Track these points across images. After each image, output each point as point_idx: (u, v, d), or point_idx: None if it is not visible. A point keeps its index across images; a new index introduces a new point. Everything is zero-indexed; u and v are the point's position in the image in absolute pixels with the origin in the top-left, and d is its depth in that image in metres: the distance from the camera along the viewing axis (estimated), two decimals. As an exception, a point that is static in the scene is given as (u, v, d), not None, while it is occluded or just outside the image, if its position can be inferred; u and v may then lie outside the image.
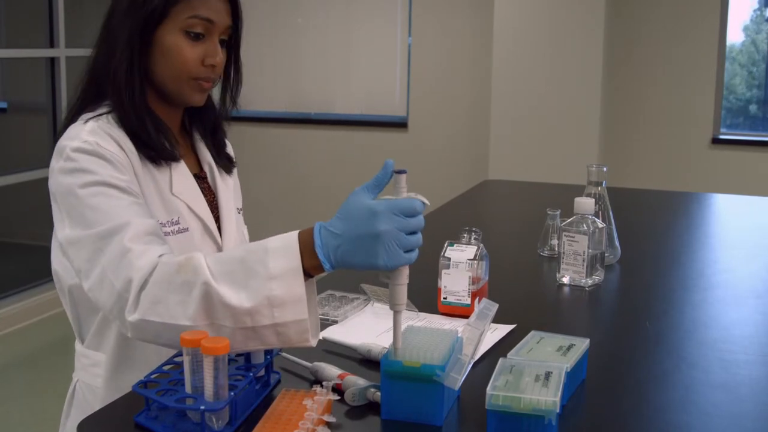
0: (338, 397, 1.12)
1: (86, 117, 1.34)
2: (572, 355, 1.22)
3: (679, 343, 1.50)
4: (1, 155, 4.96)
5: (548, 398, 1.03)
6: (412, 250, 1.10)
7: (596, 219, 1.76)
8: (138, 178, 1.32)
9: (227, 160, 1.55)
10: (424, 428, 1.09)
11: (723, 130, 4.79)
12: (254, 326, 1.11)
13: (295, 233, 1.13)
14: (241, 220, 1.57)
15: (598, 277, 1.77)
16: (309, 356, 1.28)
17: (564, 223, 1.77)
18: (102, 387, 1.40)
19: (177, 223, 1.38)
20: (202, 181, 1.48)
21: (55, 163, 1.29)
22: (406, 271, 1.12)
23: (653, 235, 2.34)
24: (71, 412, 1.47)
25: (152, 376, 1.14)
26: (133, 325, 1.15)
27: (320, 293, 1.62)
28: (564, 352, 1.23)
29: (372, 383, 1.15)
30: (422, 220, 1.11)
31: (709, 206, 3.06)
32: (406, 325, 1.18)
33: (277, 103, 5.46)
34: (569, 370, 1.15)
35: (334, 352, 1.35)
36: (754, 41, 4.86)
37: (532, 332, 1.32)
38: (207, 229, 1.43)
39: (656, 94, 4.76)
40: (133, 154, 1.33)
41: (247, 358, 1.18)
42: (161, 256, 1.18)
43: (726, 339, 1.50)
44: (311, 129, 5.42)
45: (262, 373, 1.18)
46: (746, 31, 4.85)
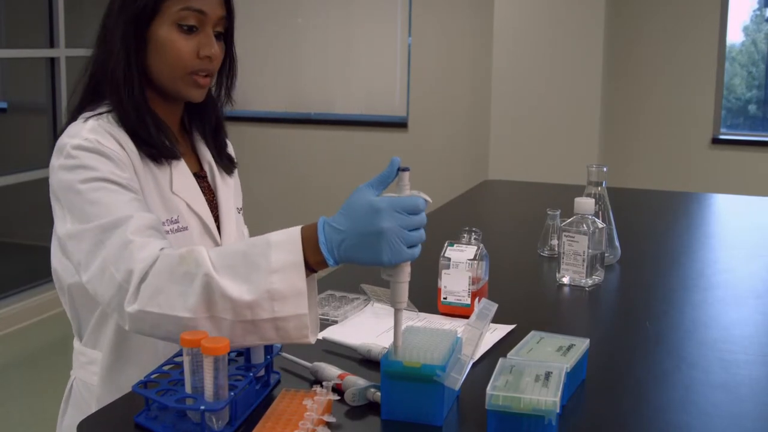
0: (338, 397, 1.12)
1: (86, 116, 1.35)
2: (572, 355, 1.22)
3: (679, 343, 1.50)
4: (1, 155, 4.96)
5: (548, 398, 1.03)
6: (415, 246, 1.10)
7: (596, 219, 1.76)
8: (138, 177, 1.32)
9: (228, 161, 1.55)
10: (424, 428, 1.09)
11: (723, 130, 4.79)
12: (254, 320, 1.11)
13: (298, 228, 1.13)
14: (241, 220, 1.57)
15: (598, 277, 1.77)
16: (309, 356, 1.28)
17: (564, 223, 1.77)
18: (98, 385, 1.40)
19: (176, 222, 1.38)
20: (202, 180, 1.48)
21: (56, 161, 1.29)
22: (408, 269, 1.13)
23: (653, 235, 2.34)
24: (68, 409, 1.47)
25: (152, 376, 1.14)
26: (132, 316, 1.15)
27: (320, 293, 1.62)
28: (564, 352, 1.23)
29: (372, 383, 1.15)
30: (424, 217, 1.11)
31: (709, 206, 3.06)
32: (406, 325, 1.18)
33: (277, 103, 5.46)
34: (569, 370, 1.15)
35: (334, 352, 1.35)
36: (754, 41, 4.86)
37: (532, 332, 1.32)
38: (206, 228, 1.43)
39: (656, 94, 4.76)
40: (134, 153, 1.33)
41: (248, 358, 1.18)
42: (162, 249, 1.18)
43: (726, 339, 1.50)
44: (311, 129, 5.42)
45: (262, 373, 1.18)
46: (746, 31, 4.85)
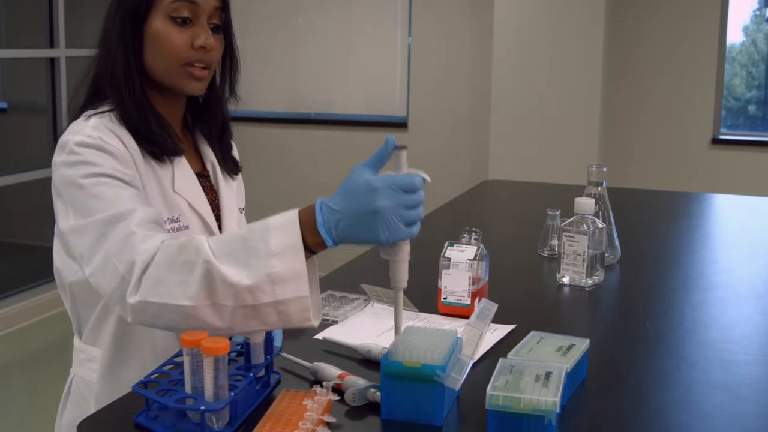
0: (338, 398, 1.12)
1: (89, 113, 1.35)
2: (572, 355, 1.22)
3: (679, 343, 1.50)
4: (1, 155, 4.96)
5: (548, 398, 1.03)
6: (414, 224, 1.10)
7: (596, 219, 1.76)
8: (140, 175, 1.32)
9: (233, 164, 1.55)
10: (424, 428, 1.09)
11: (723, 130, 4.79)
12: (255, 304, 1.11)
13: (296, 211, 1.13)
14: (243, 221, 1.57)
15: (598, 277, 1.77)
16: (309, 356, 1.28)
17: (564, 224, 1.77)
18: (97, 382, 1.40)
19: (177, 221, 1.38)
20: (204, 180, 1.48)
21: (58, 157, 1.30)
22: (407, 248, 1.12)
23: (653, 235, 2.34)
24: (67, 406, 1.48)
25: (152, 376, 1.14)
26: (134, 307, 1.15)
27: (320, 293, 1.62)
28: (564, 353, 1.23)
29: (372, 383, 1.15)
30: (422, 195, 1.10)
31: (709, 206, 3.06)
32: (406, 325, 1.18)
33: (277, 103, 5.46)
34: (569, 371, 1.15)
35: (334, 352, 1.35)
36: (754, 41, 4.86)
37: (532, 332, 1.32)
38: (207, 227, 1.44)
39: (656, 94, 4.76)
40: (135, 151, 1.33)
41: (248, 358, 1.18)
42: (164, 242, 1.18)
43: (726, 339, 1.50)
44: (311, 129, 5.42)
45: (262, 373, 1.18)
46: (746, 31, 4.85)
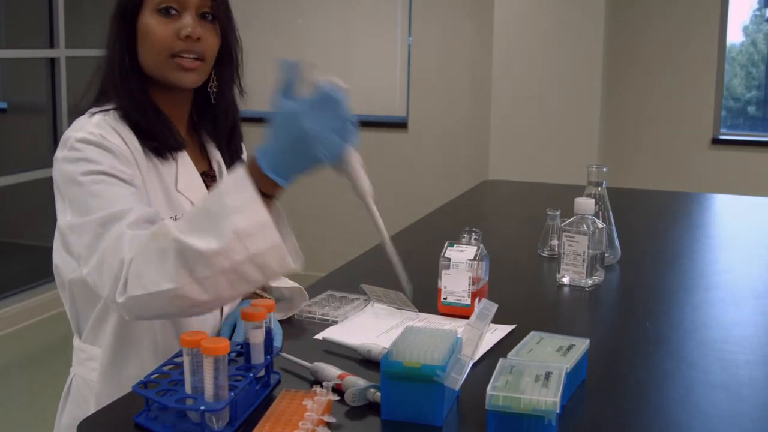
0: (338, 398, 1.12)
1: (93, 111, 1.36)
2: (572, 355, 1.22)
3: (679, 343, 1.50)
4: (1, 155, 4.96)
5: (548, 398, 1.03)
6: (348, 132, 1.11)
7: (596, 219, 1.76)
8: (142, 174, 1.32)
9: None
10: (424, 428, 1.09)
11: (723, 130, 4.79)
12: (232, 265, 1.11)
13: (242, 166, 1.14)
14: None
15: (598, 277, 1.77)
16: (309, 356, 1.28)
17: (564, 224, 1.77)
18: (97, 381, 1.40)
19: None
20: (210, 180, 1.48)
21: (59, 153, 1.31)
22: (355, 156, 1.13)
23: (653, 235, 2.34)
24: (67, 405, 1.47)
25: (152, 377, 1.14)
26: (125, 305, 1.16)
27: (320, 294, 1.63)
28: (564, 353, 1.23)
29: (372, 383, 1.15)
30: (344, 100, 1.11)
31: (709, 206, 3.06)
32: (406, 325, 1.18)
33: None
34: (569, 371, 1.15)
35: (334, 352, 1.35)
36: (753, 42, 4.86)
37: (532, 332, 1.32)
38: None
39: (656, 94, 4.76)
40: (137, 150, 1.33)
41: (248, 358, 1.18)
42: (136, 234, 1.18)
43: (726, 339, 1.50)
44: (311, 129, 5.42)
45: (262, 373, 1.18)
46: (746, 31, 4.85)
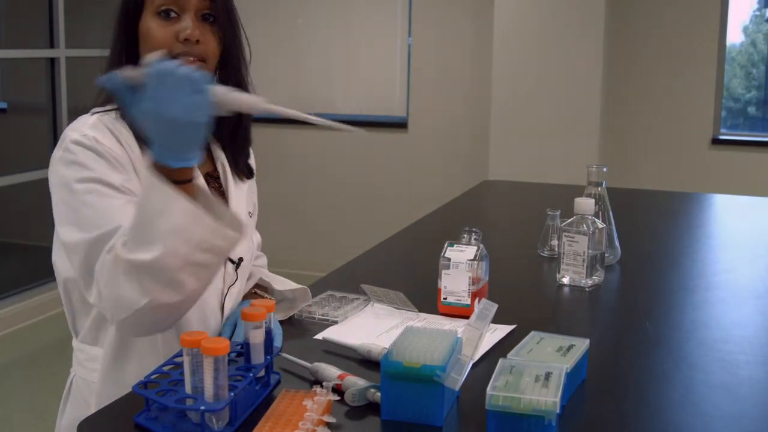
0: (338, 398, 1.12)
1: (96, 110, 1.37)
2: (572, 355, 1.22)
3: (679, 343, 1.50)
4: (1, 155, 4.96)
5: (548, 399, 1.03)
6: (196, 85, 1.10)
7: (596, 219, 1.76)
8: (139, 176, 1.32)
9: (245, 167, 1.53)
10: (424, 428, 1.09)
11: (723, 130, 4.79)
12: (184, 261, 1.14)
13: (149, 168, 1.16)
14: (252, 225, 1.54)
15: (598, 277, 1.77)
16: (309, 357, 1.28)
17: (564, 224, 1.77)
18: (98, 382, 1.40)
19: None
20: (213, 181, 1.47)
21: (56, 152, 1.32)
22: (221, 90, 1.13)
23: (653, 236, 2.34)
24: (67, 406, 1.47)
25: (152, 377, 1.14)
26: (120, 329, 1.24)
27: (320, 294, 1.63)
28: (564, 353, 1.23)
29: (372, 384, 1.15)
30: (169, 65, 1.10)
31: (709, 206, 3.06)
32: (406, 325, 1.18)
33: (278, 103, 5.41)
34: (569, 371, 1.15)
35: (334, 352, 1.35)
36: (753, 42, 4.86)
37: (532, 333, 1.32)
38: None
39: (656, 94, 4.75)
40: (135, 151, 1.33)
41: (248, 358, 1.18)
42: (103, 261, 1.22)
43: (726, 339, 1.50)
44: (311, 129, 5.42)
45: (262, 373, 1.18)
46: (746, 31, 4.85)
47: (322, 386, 1.11)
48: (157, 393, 1.09)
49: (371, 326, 1.49)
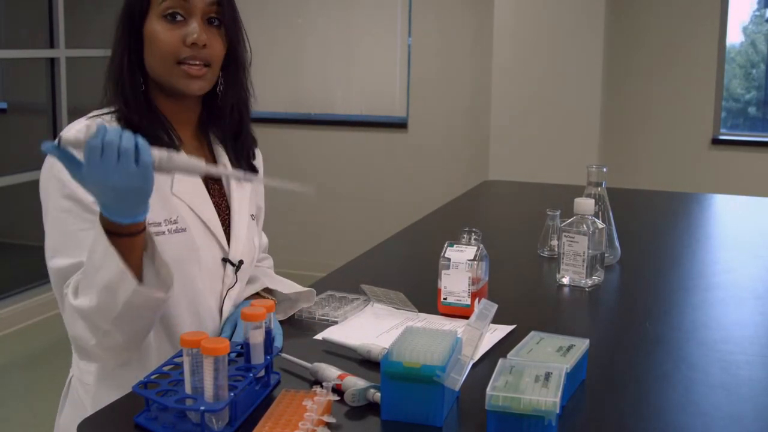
0: (338, 398, 1.12)
1: (93, 113, 1.36)
2: (572, 355, 1.22)
3: (679, 343, 1.50)
4: (1, 155, 4.96)
5: (548, 399, 1.03)
6: (137, 155, 1.10)
7: (596, 219, 1.76)
8: None
9: (248, 168, 1.51)
10: (424, 429, 1.09)
11: (723, 130, 4.79)
12: (119, 312, 1.19)
13: (100, 220, 1.17)
14: (254, 227, 1.52)
15: (598, 277, 1.77)
16: (309, 357, 1.28)
17: (564, 224, 1.77)
18: (93, 384, 1.40)
19: (175, 222, 1.36)
20: (214, 182, 1.46)
21: (46, 160, 1.32)
22: (159, 154, 1.12)
23: (653, 236, 2.34)
24: (65, 406, 1.47)
25: (152, 377, 1.14)
26: (95, 361, 1.35)
27: (320, 294, 1.62)
28: (564, 353, 1.23)
29: (372, 384, 1.15)
30: (113, 135, 1.09)
31: (709, 207, 3.06)
32: (406, 325, 1.18)
33: (278, 103, 5.46)
34: (569, 371, 1.15)
35: (333, 352, 1.35)
36: (753, 42, 4.86)
37: (532, 333, 1.32)
38: (209, 230, 1.41)
39: (656, 94, 4.76)
40: None
41: (247, 358, 1.18)
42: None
43: (726, 340, 1.50)
44: (311, 129, 5.42)
45: (262, 373, 1.18)
46: (746, 31, 4.85)
47: (322, 386, 1.11)
48: (157, 393, 1.09)
49: (371, 326, 1.49)
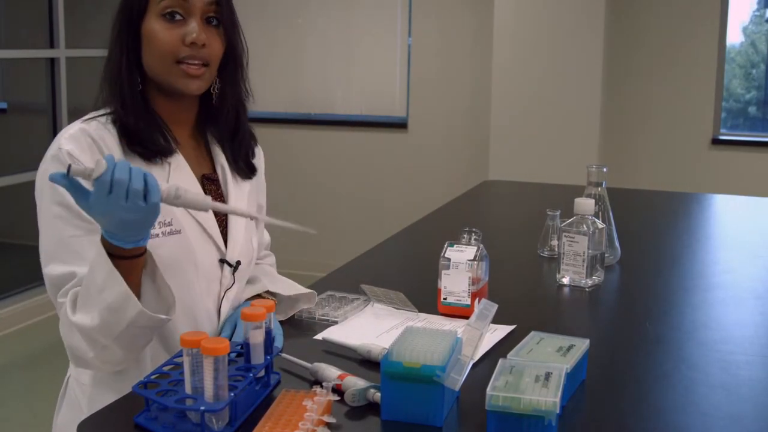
0: (338, 398, 1.12)
1: (89, 116, 1.36)
2: (572, 355, 1.22)
3: (679, 343, 1.50)
4: (1, 155, 4.96)
5: (548, 399, 1.03)
6: (145, 191, 1.10)
7: (596, 219, 1.76)
8: None
9: (246, 167, 1.51)
10: (424, 429, 1.09)
11: (723, 130, 4.79)
12: (120, 330, 1.20)
13: (101, 241, 1.18)
14: (253, 228, 1.51)
15: (598, 277, 1.77)
16: (309, 357, 1.28)
17: (564, 224, 1.77)
18: (89, 384, 1.40)
19: (169, 224, 1.35)
20: (211, 183, 1.45)
21: (42, 164, 1.32)
22: (168, 187, 1.13)
23: (653, 236, 2.34)
24: (62, 406, 1.47)
25: (152, 377, 1.14)
26: (95, 369, 1.34)
27: (320, 294, 1.62)
28: (564, 353, 1.23)
29: (372, 384, 1.15)
30: (123, 173, 1.09)
31: (709, 207, 3.06)
32: (406, 325, 1.18)
33: (278, 103, 5.46)
34: (569, 371, 1.15)
35: (333, 352, 1.35)
36: (753, 42, 4.86)
37: (532, 333, 1.32)
38: (205, 232, 1.40)
39: (656, 94, 4.76)
40: (119, 158, 1.30)
41: (247, 358, 1.18)
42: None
43: (726, 340, 1.50)
44: (311, 129, 5.42)
45: (262, 373, 1.18)
46: (745, 32, 4.85)
47: (322, 386, 1.11)
48: (157, 393, 1.09)
49: (371, 326, 1.49)
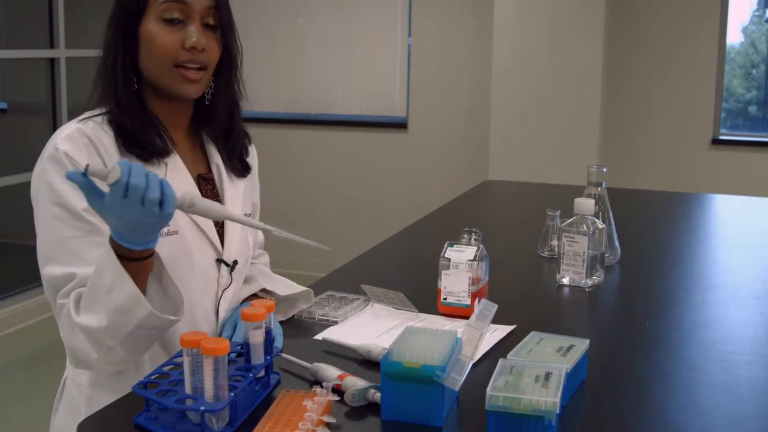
0: (338, 398, 1.12)
1: (84, 116, 1.36)
2: (572, 355, 1.22)
3: (679, 343, 1.50)
4: (1, 155, 4.96)
5: (548, 399, 1.03)
6: (161, 199, 1.11)
7: (596, 220, 1.76)
8: None
9: (240, 165, 1.51)
10: (424, 429, 1.09)
11: (723, 130, 4.79)
12: (128, 332, 1.20)
13: (110, 242, 1.18)
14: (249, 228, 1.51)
15: (598, 277, 1.77)
16: (309, 357, 1.28)
17: (564, 224, 1.77)
18: (86, 385, 1.40)
19: (167, 225, 1.35)
20: (206, 183, 1.45)
21: (38, 163, 1.32)
22: (184, 197, 1.14)
23: (653, 236, 2.34)
24: (59, 407, 1.47)
25: (152, 377, 1.14)
26: (95, 370, 1.34)
27: (320, 294, 1.63)
28: (564, 353, 1.23)
29: (372, 384, 1.15)
30: (140, 179, 1.09)
31: (709, 207, 3.06)
32: (406, 325, 1.18)
33: (278, 103, 5.46)
34: (569, 371, 1.15)
35: (333, 352, 1.35)
36: (753, 42, 4.86)
37: (532, 333, 1.32)
38: (202, 232, 1.40)
39: (656, 94, 4.76)
40: (115, 160, 1.30)
41: (247, 358, 1.18)
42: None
43: (726, 340, 1.50)
44: (311, 129, 5.42)
45: (262, 373, 1.18)
46: (745, 32, 4.85)
47: (322, 386, 1.11)
48: (157, 393, 1.09)
49: (371, 326, 1.49)
